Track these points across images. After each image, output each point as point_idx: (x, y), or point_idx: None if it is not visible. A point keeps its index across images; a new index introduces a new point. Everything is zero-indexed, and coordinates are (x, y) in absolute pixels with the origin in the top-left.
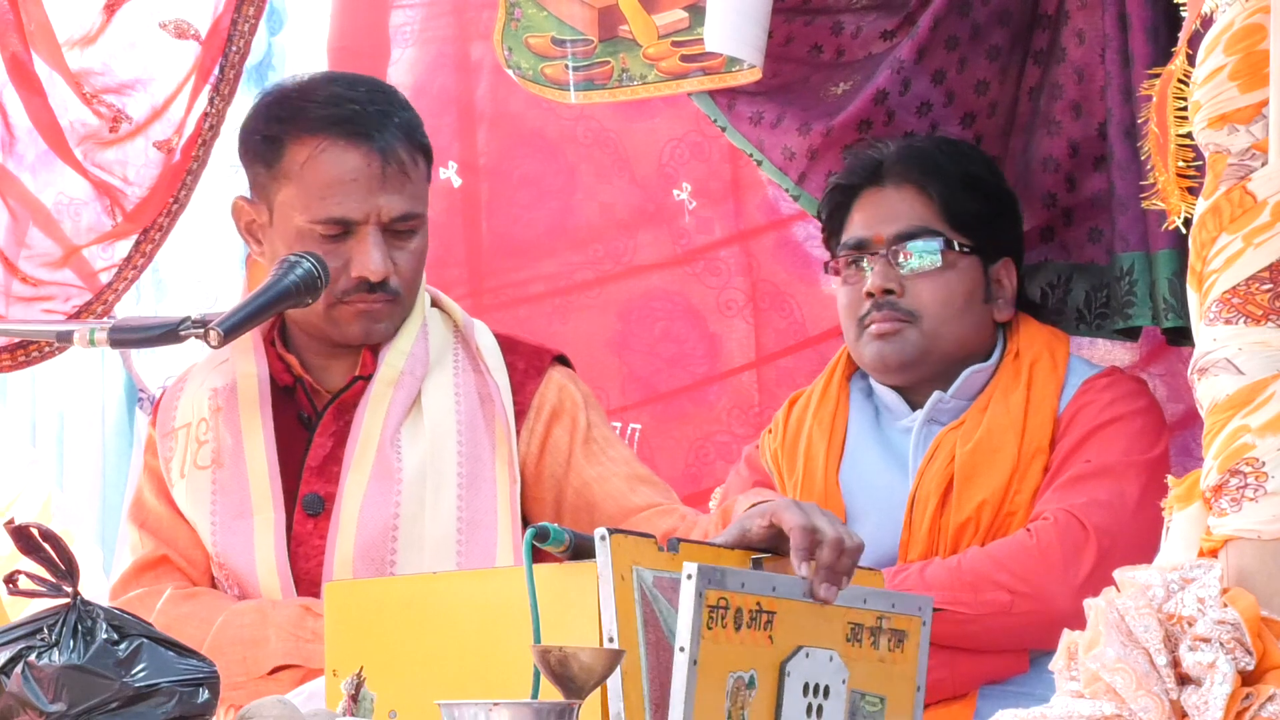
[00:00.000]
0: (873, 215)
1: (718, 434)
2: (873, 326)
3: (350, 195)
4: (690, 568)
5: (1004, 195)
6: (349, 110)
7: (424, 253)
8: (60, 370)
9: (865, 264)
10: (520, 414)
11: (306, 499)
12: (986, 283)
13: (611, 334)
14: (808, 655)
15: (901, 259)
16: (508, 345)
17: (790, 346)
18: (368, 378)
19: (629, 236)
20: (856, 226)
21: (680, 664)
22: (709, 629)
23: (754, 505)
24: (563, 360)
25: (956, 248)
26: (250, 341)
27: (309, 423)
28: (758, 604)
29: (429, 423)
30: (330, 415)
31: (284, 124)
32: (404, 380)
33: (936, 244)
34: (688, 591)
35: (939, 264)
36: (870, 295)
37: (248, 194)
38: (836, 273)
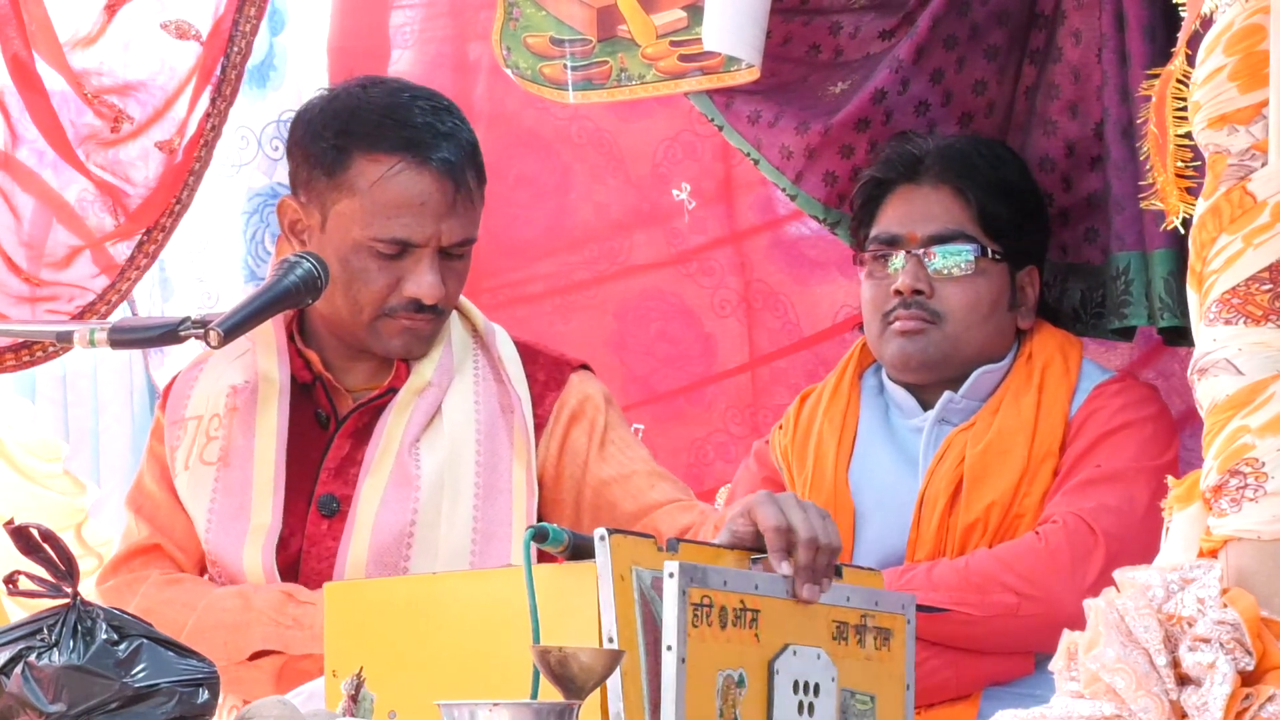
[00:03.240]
0: (906, 212)
1: (715, 434)
2: (897, 323)
3: (418, 218)
4: (671, 566)
5: (1036, 202)
6: (426, 133)
7: (468, 271)
8: (91, 370)
9: (895, 260)
10: (540, 426)
11: (322, 499)
12: (1012, 289)
13: (609, 334)
14: (795, 653)
15: (933, 260)
16: (528, 355)
17: (783, 348)
18: (399, 388)
19: (624, 236)
20: (889, 222)
21: (669, 662)
22: (695, 627)
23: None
24: (583, 366)
25: (989, 254)
26: (271, 335)
27: (325, 421)
28: (741, 602)
29: (448, 431)
30: (352, 417)
31: (355, 137)
32: (429, 390)
33: (969, 249)
34: (670, 590)
35: (970, 270)
36: (898, 293)
37: (291, 190)
38: (862, 265)
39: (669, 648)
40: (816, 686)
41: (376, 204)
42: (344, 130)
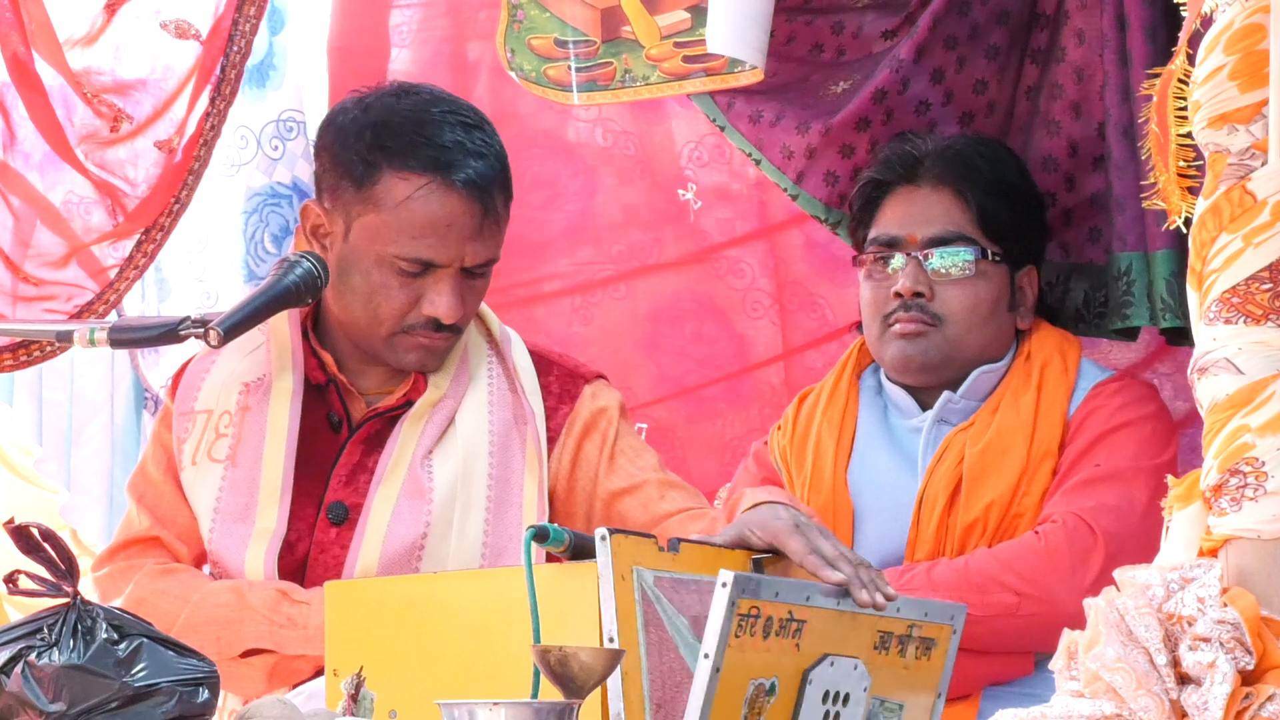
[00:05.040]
0: (906, 214)
1: (754, 433)
2: (897, 326)
3: (443, 240)
4: (726, 576)
5: (1035, 202)
6: (456, 152)
7: (487, 288)
8: (69, 369)
9: (895, 262)
10: (552, 439)
11: (332, 506)
12: (1012, 290)
13: (640, 335)
14: (832, 664)
15: (933, 262)
16: (543, 366)
17: (815, 340)
18: (415, 400)
19: (649, 236)
20: (889, 223)
21: (703, 670)
22: (736, 637)
23: (755, 506)
24: (599, 377)
25: (989, 256)
26: (286, 333)
27: (338, 424)
28: (789, 613)
29: (461, 443)
30: (365, 425)
31: (386, 152)
32: (444, 401)
33: (970, 252)
34: (720, 600)
35: (971, 272)
36: (898, 295)
37: (315, 192)
38: (860, 266)
39: (706, 656)
40: (846, 696)
41: (402, 223)
42: (375, 143)
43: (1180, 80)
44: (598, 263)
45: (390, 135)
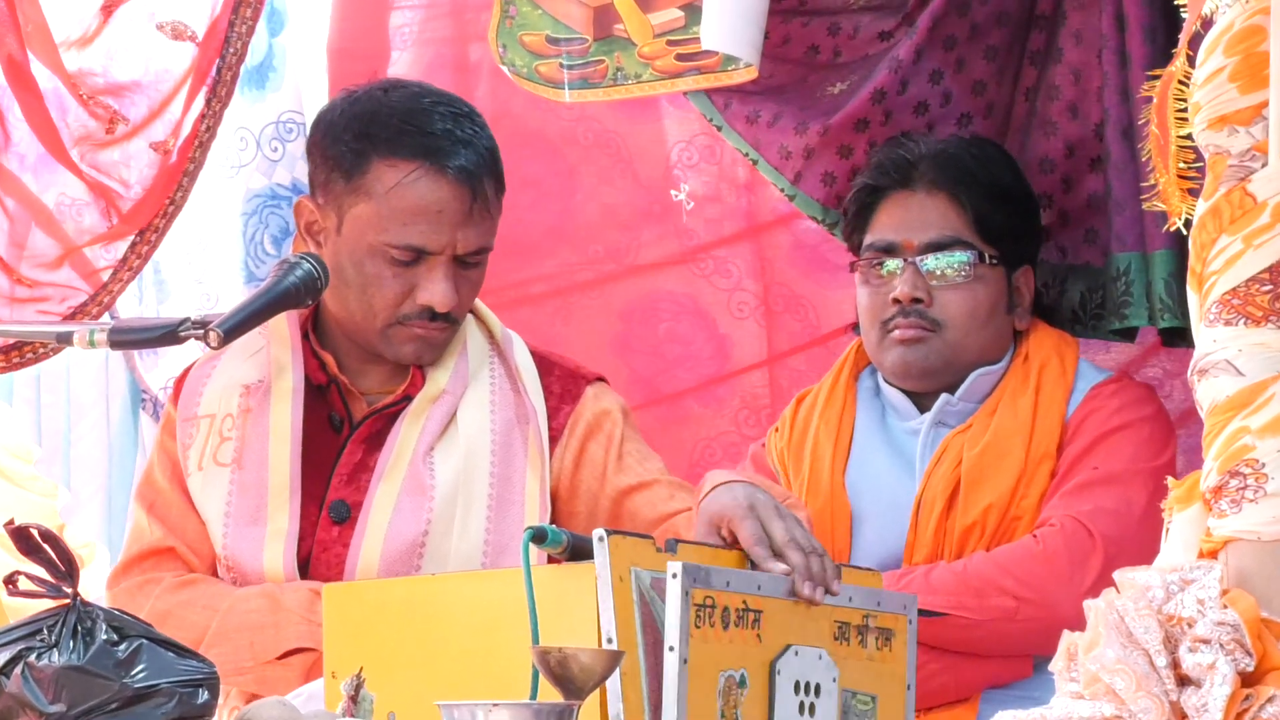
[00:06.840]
0: (902, 220)
1: (725, 434)
2: (897, 332)
3: (434, 226)
4: (675, 567)
5: (1029, 203)
6: (445, 140)
7: (483, 279)
8: (65, 371)
9: (891, 267)
10: (554, 438)
11: (334, 505)
12: (1009, 292)
13: (613, 335)
14: (797, 654)
15: (930, 266)
16: (544, 366)
17: (800, 345)
18: (415, 395)
19: (630, 237)
20: (885, 229)
21: (670, 663)
22: (697, 628)
23: (714, 489)
24: (599, 379)
25: (985, 259)
26: (286, 334)
27: (339, 424)
28: (744, 603)
29: (463, 440)
30: (366, 423)
31: (374, 141)
32: (444, 397)
33: (967, 256)
34: (674, 590)
35: (968, 276)
36: (897, 301)
37: (309, 191)
38: (857, 271)
39: (671, 648)
40: (818, 687)
41: (393, 210)
42: (363, 134)
43: (1180, 82)
44: (586, 264)
45: (379, 125)
